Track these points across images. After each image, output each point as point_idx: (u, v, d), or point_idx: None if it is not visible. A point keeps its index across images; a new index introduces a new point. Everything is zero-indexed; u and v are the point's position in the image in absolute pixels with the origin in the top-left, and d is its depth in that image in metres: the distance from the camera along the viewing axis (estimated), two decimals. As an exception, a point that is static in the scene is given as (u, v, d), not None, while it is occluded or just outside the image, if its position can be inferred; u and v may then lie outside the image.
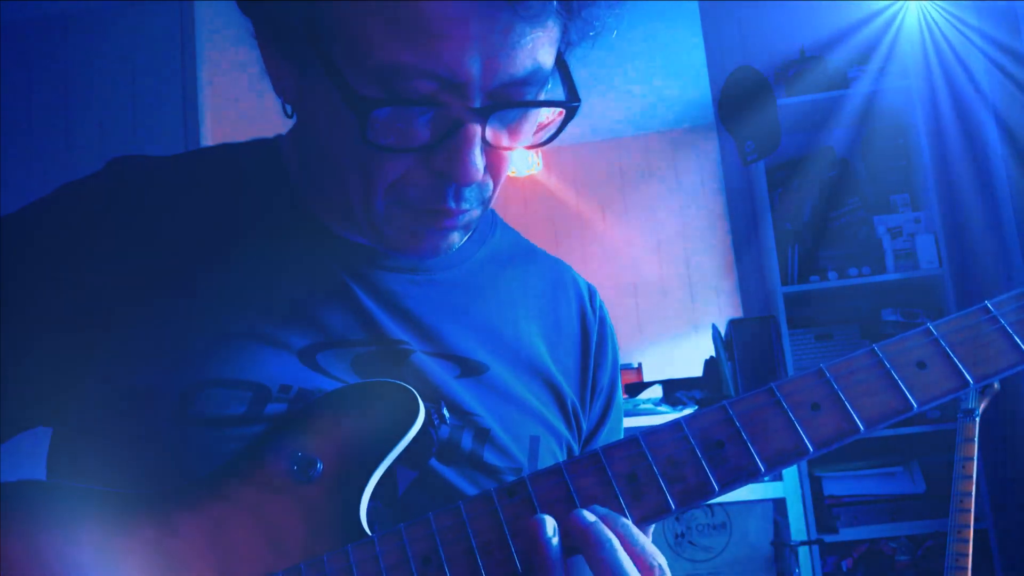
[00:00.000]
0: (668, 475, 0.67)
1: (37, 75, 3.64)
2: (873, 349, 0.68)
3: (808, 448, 0.66)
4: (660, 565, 0.64)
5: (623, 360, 4.61)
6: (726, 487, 0.66)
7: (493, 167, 0.77)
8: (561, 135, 0.77)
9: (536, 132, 0.78)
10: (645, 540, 0.65)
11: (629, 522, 0.65)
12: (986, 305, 0.69)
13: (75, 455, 0.79)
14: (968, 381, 0.67)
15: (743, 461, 0.66)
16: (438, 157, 0.72)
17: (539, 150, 5.00)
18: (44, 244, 0.81)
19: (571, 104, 0.74)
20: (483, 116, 0.70)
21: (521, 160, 4.80)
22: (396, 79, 0.67)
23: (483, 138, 0.71)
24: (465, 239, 0.84)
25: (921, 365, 0.68)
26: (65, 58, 3.62)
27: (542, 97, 0.75)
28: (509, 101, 0.71)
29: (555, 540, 0.64)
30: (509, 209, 5.31)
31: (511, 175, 4.99)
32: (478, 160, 0.71)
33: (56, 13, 3.61)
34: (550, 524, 0.65)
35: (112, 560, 0.68)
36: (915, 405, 0.67)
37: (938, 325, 0.69)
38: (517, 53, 0.68)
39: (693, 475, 0.66)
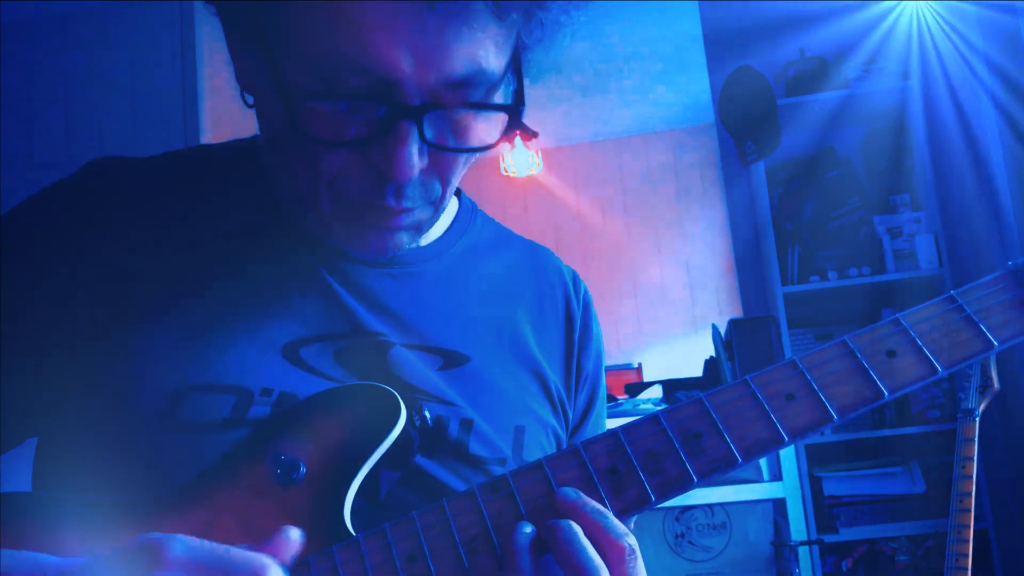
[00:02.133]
0: (648, 468, 0.68)
1: (37, 75, 3.65)
2: (844, 340, 0.70)
3: (784, 437, 0.67)
4: (631, 545, 0.65)
5: (623, 360, 4.62)
6: (704, 477, 0.67)
7: (440, 168, 0.76)
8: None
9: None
10: (616, 523, 0.66)
11: (599, 506, 0.66)
12: (951, 294, 0.71)
13: (61, 464, 0.79)
14: (936, 368, 0.68)
15: (721, 452, 0.68)
16: (374, 153, 0.71)
17: (539, 150, 5.01)
18: (24, 249, 0.80)
19: (514, 109, 0.74)
20: (418, 115, 0.69)
21: (521, 160, 4.80)
22: (330, 71, 0.67)
23: (422, 137, 0.70)
24: (417, 240, 0.83)
25: (891, 354, 0.69)
26: (65, 58, 3.63)
27: (496, 97, 0.74)
28: (448, 102, 0.70)
29: (528, 531, 0.66)
30: (509, 209, 5.31)
31: (511, 175, 5.01)
32: (413, 159, 0.70)
33: (56, 13, 3.61)
34: (527, 524, 0.66)
35: None
36: (886, 393, 0.68)
37: (906, 315, 0.71)
38: (453, 53, 0.67)
39: (672, 467, 0.67)
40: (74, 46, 3.63)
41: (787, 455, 2.64)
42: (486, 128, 0.75)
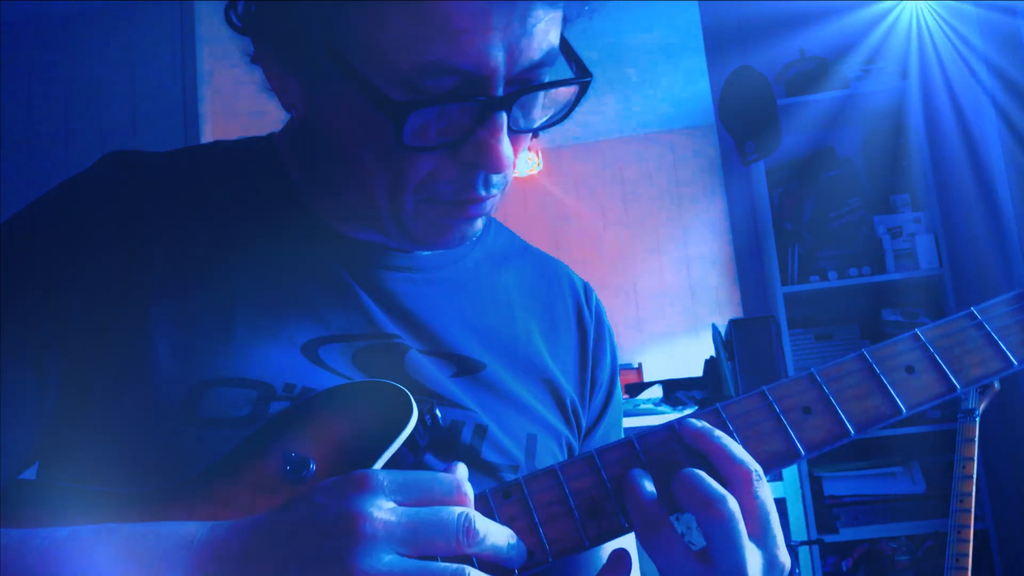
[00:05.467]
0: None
1: (37, 75, 3.64)
2: (863, 354, 0.70)
3: (800, 451, 0.67)
4: (756, 470, 0.66)
5: (623, 360, 4.61)
6: None
7: (513, 151, 0.77)
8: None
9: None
10: (738, 450, 0.67)
11: (724, 436, 0.67)
12: (972, 311, 0.71)
13: (71, 456, 0.77)
14: (955, 386, 0.68)
15: None
16: (467, 149, 0.72)
17: (539, 150, 5.01)
18: (45, 243, 0.78)
19: (584, 80, 0.75)
20: (509, 103, 0.70)
21: (521, 160, 4.80)
22: (421, 79, 0.67)
23: (511, 125, 0.72)
24: (483, 224, 0.84)
25: (910, 370, 0.69)
26: (65, 58, 3.63)
27: (552, 77, 0.75)
28: (529, 85, 0.72)
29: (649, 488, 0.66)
30: (509, 210, 5.30)
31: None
32: (508, 148, 0.71)
33: (56, 13, 3.61)
34: (647, 484, 0.67)
35: None
36: (904, 409, 0.68)
37: (926, 331, 0.70)
38: (534, 36, 0.69)
39: None
40: (74, 46, 3.63)
41: (788, 455, 2.64)
42: (547, 105, 0.77)
